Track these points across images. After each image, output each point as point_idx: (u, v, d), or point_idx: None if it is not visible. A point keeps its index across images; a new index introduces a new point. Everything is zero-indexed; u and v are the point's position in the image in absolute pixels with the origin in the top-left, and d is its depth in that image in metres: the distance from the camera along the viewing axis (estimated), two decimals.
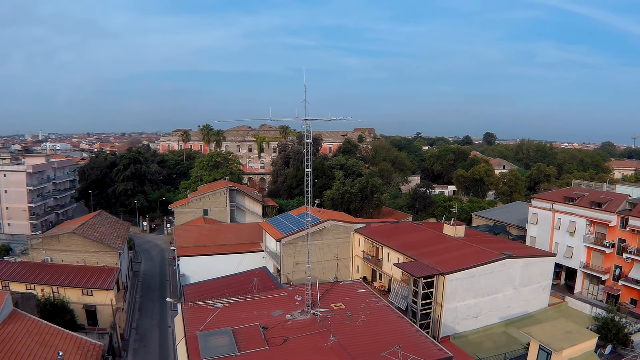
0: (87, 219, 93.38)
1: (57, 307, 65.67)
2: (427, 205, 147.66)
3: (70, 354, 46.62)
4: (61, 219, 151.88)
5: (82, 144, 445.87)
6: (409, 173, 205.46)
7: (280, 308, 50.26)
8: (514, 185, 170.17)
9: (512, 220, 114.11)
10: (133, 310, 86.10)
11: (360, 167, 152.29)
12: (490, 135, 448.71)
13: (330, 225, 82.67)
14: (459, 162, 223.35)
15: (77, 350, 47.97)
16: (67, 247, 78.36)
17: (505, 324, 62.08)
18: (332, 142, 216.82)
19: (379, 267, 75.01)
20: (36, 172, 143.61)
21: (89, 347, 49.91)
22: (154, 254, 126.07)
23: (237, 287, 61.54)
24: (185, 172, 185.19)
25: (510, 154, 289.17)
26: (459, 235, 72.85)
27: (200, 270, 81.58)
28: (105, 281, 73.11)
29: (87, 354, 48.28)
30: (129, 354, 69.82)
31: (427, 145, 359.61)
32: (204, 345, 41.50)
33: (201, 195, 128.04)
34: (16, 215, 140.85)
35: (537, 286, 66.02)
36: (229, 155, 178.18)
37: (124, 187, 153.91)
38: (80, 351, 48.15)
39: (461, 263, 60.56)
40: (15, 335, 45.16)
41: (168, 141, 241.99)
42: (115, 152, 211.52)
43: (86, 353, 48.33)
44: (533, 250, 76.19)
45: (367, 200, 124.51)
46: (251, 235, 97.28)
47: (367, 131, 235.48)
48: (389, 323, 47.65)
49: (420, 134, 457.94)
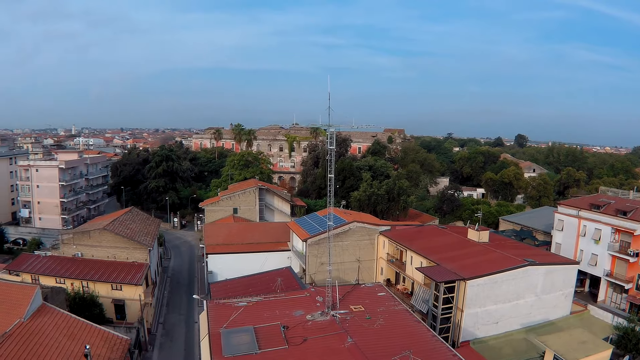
0: (118, 215, 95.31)
1: (86, 301, 67.39)
2: (455, 208, 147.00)
3: (98, 348, 48.06)
4: (93, 214, 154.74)
5: (116, 139, 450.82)
6: (437, 175, 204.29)
7: (302, 308, 51.12)
8: (543, 189, 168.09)
9: (539, 225, 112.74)
10: (161, 306, 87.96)
11: (388, 168, 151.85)
12: (522, 137, 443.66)
13: (355, 227, 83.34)
14: (488, 165, 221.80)
15: (104, 344, 49.42)
16: (98, 242, 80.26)
17: (526, 330, 61.80)
18: (361, 142, 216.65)
19: (403, 270, 75.44)
20: (69, 168, 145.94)
21: (116, 340, 51.35)
22: (183, 250, 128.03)
23: (262, 286, 62.57)
24: (217, 170, 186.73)
25: (541, 157, 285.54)
26: (483, 241, 72.71)
27: (228, 268, 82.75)
28: (135, 277, 74.66)
29: (113, 347, 49.72)
30: (155, 348, 71.58)
31: (458, 146, 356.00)
32: (226, 343, 42.70)
33: (231, 193, 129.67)
34: (48, 209, 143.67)
35: (559, 293, 65.66)
36: (259, 155, 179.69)
37: (156, 184, 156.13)
38: (107, 345, 49.60)
39: (483, 269, 60.62)
40: (44, 329, 46.72)
41: (200, 139, 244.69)
42: (147, 149, 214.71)
43: (113, 347, 49.77)
44: (556, 258, 75.61)
45: (394, 202, 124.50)
46: (278, 234, 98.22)
47: (397, 132, 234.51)
48: (406, 327, 48.12)
49: (451, 134, 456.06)
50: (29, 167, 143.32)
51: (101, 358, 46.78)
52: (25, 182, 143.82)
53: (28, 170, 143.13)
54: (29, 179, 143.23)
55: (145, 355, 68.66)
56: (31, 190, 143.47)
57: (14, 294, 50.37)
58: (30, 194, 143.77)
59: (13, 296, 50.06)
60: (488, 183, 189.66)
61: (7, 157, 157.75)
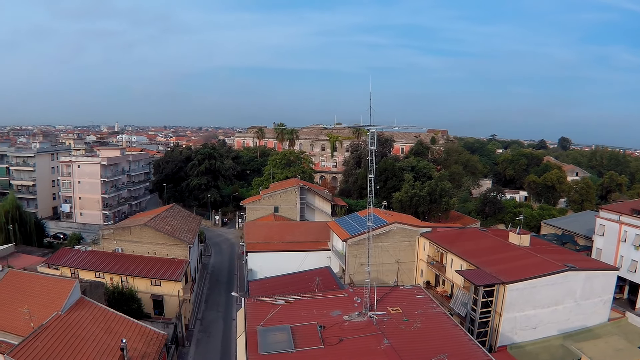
0: (160, 211, 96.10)
1: (124, 296, 68.00)
2: (497, 211, 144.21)
3: (134, 342, 48.17)
4: (134, 210, 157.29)
5: (159, 137, 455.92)
6: (480, 177, 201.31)
7: (339, 308, 50.38)
8: (585, 193, 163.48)
9: (581, 230, 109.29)
10: (200, 302, 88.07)
11: (431, 169, 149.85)
12: (565, 140, 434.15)
13: (395, 228, 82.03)
14: (531, 167, 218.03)
15: (140, 338, 49.54)
16: (139, 238, 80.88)
17: (564, 336, 59.81)
18: (404, 143, 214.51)
19: (443, 272, 73.87)
20: (110, 165, 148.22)
21: (153, 335, 51.45)
22: (224, 248, 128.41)
23: (301, 285, 62.07)
24: (259, 168, 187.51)
25: (584, 161, 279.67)
26: (523, 245, 70.78)
27: (267, 266, 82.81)
28: (174, 273, 74.99)
29: (150, 342, 49.78)
30: (192, 344, 71.51)
31: (501, 148, 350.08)
32: (263, 341, 42.50)
33: (272, 192, 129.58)
34: (89, 205, 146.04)
35: (597, 300, 63.36)
36: (301, 154, 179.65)
37: (198, 182, 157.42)
38: (143, 339, 49.69)
39: (523, 273, 58.90)
40: (82, 322, 47.01)
41: (243, 138, 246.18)
42: (190, 147, 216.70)
43: (149, 341, 49.83)
44: (596, 263, 73.21)
45: (436, 203, 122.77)
46: (318, 234, 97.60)
47: (440, 133, 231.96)
48: (443, 330, 47.00)
49: (494, 136, 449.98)
50: (71, 163, 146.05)
51: (137, 352, 46.87)
52: (66, 177, 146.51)
53: (70, 166, 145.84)
54: (70, 175, 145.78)
55: (182, 350, 68.60)
56: (72, 185, 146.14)
57: (52, 288, 51.02)
58: (72, 190, 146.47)
59: (52, 289, 50.69)
60: (531, 186, 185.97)
61: (48, 152, 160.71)
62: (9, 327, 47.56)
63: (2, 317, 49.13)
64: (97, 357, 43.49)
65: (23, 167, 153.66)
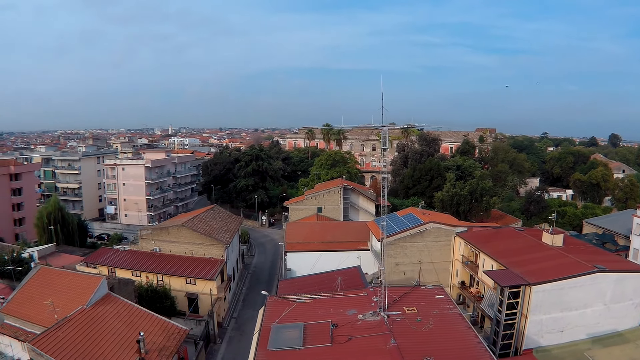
0: (200, 212, 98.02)
1: (158, 294, 70.02)
2: (542, 210, 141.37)
3: (154, 336, 49.88)
4: (180, 211, 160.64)
5: (212, 138, 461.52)
6: (527, 175, 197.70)
7: (356, 307, 50.62)
8: (630, 191, 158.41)
9: (622, 229, 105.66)
10: (237, 301, 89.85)
11: (477, 168, 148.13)
12: (615, 136, 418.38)
13: (431, 228, 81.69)
14: (578, 165, 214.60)
15: (160, 333, 51.21)
16: (176, 238, 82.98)
17: (592, 341, 58.06)
18: (452, 142, 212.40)
19: (476, 272, 73.24)
20: (155, 167, 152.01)
21: (174, 330, 53.10)
22: (268, 248, 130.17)
23: (328, 284, 62.48)
24: (309, 169, 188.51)
25: (632, 158, 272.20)
26: (556, 245, 69.07)
27: (306, 266, 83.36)
28: (209, 272, 76.58)
29: (170, 336, 51.41)
30: (223, 342, 73.15)
31: (552, 146, 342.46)
32: (274, 337, 43.53)
33: (315, 193, 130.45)
34: (133, 206, 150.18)
35: (629, 303, 60.97)
36: (347, 155, 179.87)
37: (245, 183, 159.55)
38: (164, 334, 51.34)
39: (551, 274, 57.56)
40: (105, 316, 49.09)
41: (294, 138, 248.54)
42: (240, 149, 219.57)
43: (170, 336, 51.45)
44: (629, 265, 70.04)
45: (477, 203, 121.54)
46: (358, 233, 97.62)
47: (489, 131, 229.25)
48: (454, 332, 46.51)
49: (546, 134, 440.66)
50: (115, 166, 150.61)
51: (155, 345, 48.37)
52: (111, 180, 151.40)
53: (115, 169, 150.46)
54: (115, 177, 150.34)
55: (213, 347, 70.09)
56: (117, 187, 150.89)
57: (80, 284, 53.34)
58: (117, 192, 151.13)
59: (79, 285, 53.00)
60: (576, 184, 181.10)
61: (94, 155, 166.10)
62: (36, 319, 50.49)
63: (31, 310, 52.17)
64: (115, 348, 45.47)
65: (68, 170, 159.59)
